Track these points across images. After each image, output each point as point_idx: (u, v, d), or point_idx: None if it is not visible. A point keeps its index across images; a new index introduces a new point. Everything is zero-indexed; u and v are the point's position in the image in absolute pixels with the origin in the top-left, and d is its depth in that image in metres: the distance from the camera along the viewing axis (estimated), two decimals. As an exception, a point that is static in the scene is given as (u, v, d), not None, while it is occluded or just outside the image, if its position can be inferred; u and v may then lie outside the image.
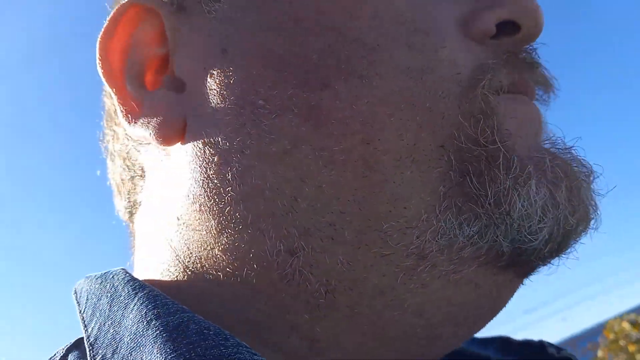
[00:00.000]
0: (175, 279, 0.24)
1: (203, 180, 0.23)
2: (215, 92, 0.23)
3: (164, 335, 0.19)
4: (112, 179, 0.30)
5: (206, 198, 0.23)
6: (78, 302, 0.24)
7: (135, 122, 0.24)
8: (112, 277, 0.23)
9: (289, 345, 0.22)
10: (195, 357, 0.18)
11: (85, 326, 0.22)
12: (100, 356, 0.20)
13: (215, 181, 0.22)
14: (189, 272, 0.23)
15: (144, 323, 0.20)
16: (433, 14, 0.23)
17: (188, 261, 0.23)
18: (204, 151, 0.23)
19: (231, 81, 0.23)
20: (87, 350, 0.21)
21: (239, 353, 0.18)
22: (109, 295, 0.22)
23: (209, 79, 0.23)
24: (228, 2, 0.24)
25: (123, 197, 0.29)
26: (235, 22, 0.23)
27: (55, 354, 0.23)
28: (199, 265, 0.23)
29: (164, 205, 0.25)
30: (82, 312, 0.23)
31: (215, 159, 0.23)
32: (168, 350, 0.18)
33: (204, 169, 0.23)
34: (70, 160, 12.60)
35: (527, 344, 0.33)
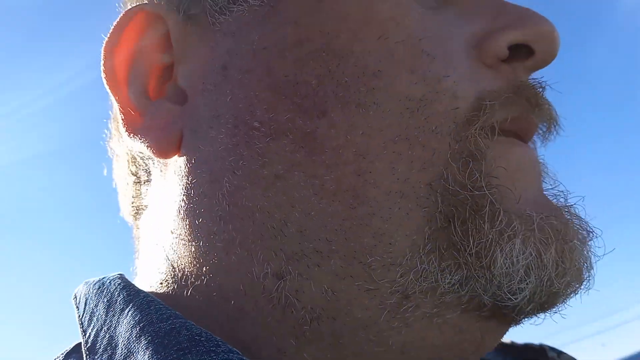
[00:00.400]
0: (171, 290, 0.24)
1: (193, 196, 0.23)
2: (212, 108, 0.23)
3: (156, 341, 0.19)
4: (117, 180, 0.30)
5: (196, 215, 0.23)
6: (77, 307, 0.24)
7: (135, 134, 0.24)
8: (110, 283, 0.24)
9: None
10: None
11: (84, 331, 0.22)
12: None
13: (205, 199, 0.22)
14: (183, 286, 0.23)
15: (137, 329, 0.20)
16: (443, 35, 0.22)
17: (181, 275, 0.23)
18: (196, 167, 0.23)
19: (228, 99, 0.22)
20: (84, 355, 0.21)
21: (230, 359, 0.18)
22: (106, 301, 0.23)
23: (207, 94, 0.23)
24: (234, 16, 0.23)
25: (127, 200, 0.29)
26: (238, 39, 0.23)
27: (55, 359, 0.24)
28: (190, 280, 0.23)
29: (161, 215, 0.25)
30: (80, 317, 0.23)
31: (207, 177, 0.22)
32: (159, 357, 0.18)
33: (195, 186, 0.23)
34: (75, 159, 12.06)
35: (527, 347, 0.32)
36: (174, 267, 0.24)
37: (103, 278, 0.24)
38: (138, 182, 0.28)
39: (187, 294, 0.23)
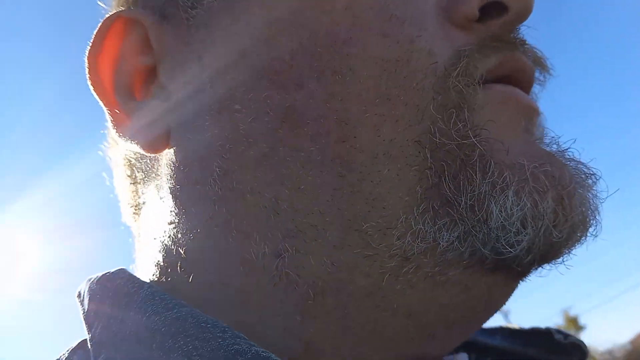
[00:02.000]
0: (172, 281, 0.24)
1: (187, 186, 0.23)
2: (194, 99, 0.23)
3: (163, 330, 0.19)
4: (117, 186, 0.31)
5: (190, 203, 0.23)
6: (81, 304, 0.24)
7: (124, 134, 0.25)
8: (113, 277, 0.24)
9: (284, 346, 0.22)
10: (193, 350, 0.18)
11: (89, 327, 0.23)
12: (103, 355, 0.21)
13: (198, 186, 0.23)
14: (184, 276, 0.24)
15: (144, 320, 0.20)
16: None
17: (181, 265, 0.24)
18: (186, 157, 0.23)
19: (207, 87, 0.23)
20: (91, 350, 0.22)
21: (237, 344, 0.18)
22: (110, 295, 0.23)
23: (188, 87, 0.23)
24: (205, 8, 0.24)
25: (127, 202, 0.30)
26: (210, 28, 0.23)
27: (60, 357, 0.24)
28: (191, 269, 0.23)
29: (157, 209, 0.26)
30: (85, 313, 0.24)
31: (197, 164, 0.23)
32: (166, 344, 0.19)
33: (187, 175, 0.23)
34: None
35: (533, 331, 0.32)
36: (173, 258, 0.24)
37: (105, 273, 0.24)
38: (134, 184, 0.28)
39: (189, 282, 0.23)
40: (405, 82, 0.21)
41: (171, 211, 0.24)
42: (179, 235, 0.24)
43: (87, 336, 0.23)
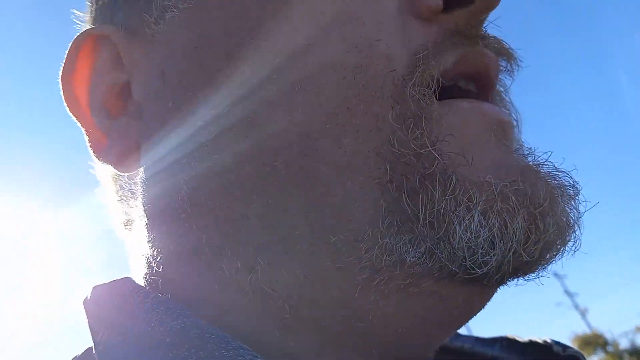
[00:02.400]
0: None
1: (157, 204, 0.23)
2: (158, 116, 0.23)
3: (167, 340, 0.19)
4: (106, 202, 0.31)
5: (161, 222, 0.23)
6: (87, 312, 0.24)
7: (100, 155, 0.25)
8: (119, 286, 0.24)
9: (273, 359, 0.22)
10: None
11: (94, 335, 0.23)
12: None
13: (169, 205, 0.23)
14: (165, 293, 0.24)
15: (148, 329, 0.20)
16: None
17: (162, 282, 0.24)
18: (155, 176, 0.23)
19: (170, 104, 0.23)
20: (96, 358, 0.21)
21: (240, 356, 0.18)
22: (115, 304, 0.23)
23: (152, 104, 0.23)
24: (167, 24, 0.24)
25: (117, 219, 0.30)
26: (171, 43, 0.23)
27: None
28: (170, 286, 0.23)
29: (139, 226, 0.26)
30: (90, 321, 0.23)
31: (166, 183, 0.23)
32: (170, 355, 0.19)
33: (158, 194, 0.23)
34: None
35: (532, 343, 0.31)
36: (155, 277, 0.24)
37: (112, 282, 0.25)
38: (120, 201, 0.29)
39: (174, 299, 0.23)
40: (364, 91, 0.20)
41: (148, 230, 0.24)
42: (155, 254, 0.24)
43: (92, 344, 0.23)
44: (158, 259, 0.24)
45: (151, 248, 0.24)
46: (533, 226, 0.19)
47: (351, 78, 0.20)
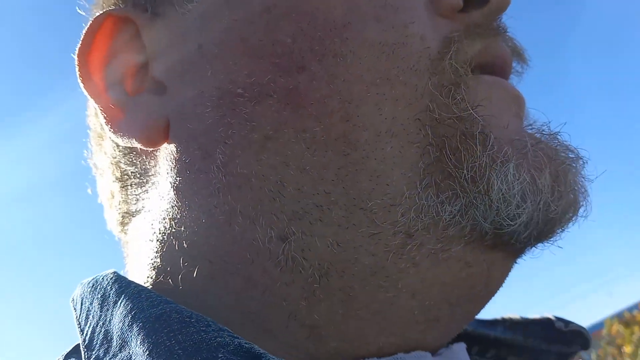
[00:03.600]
0: (173, 277, 0.23)
1: (189, 176, 0.23)
2: (194, 87, 0.23)
3: (147, 326, 0.19)
4: (102, 194, 0.30)
5: (193, 193, 0.23)
6: (75, 309, 0.24)
7: (119, 129, 0.25)
8: (102, 279, 0.24)
9: (288, 333, 0.22)
10: (176, 344, 0.18)
11: (81, 331, 0.22)
12: (94, 357, 0.20)
13: (201, 175, 0.23)
14: (186, 270, 0.23)
15: (129, 318, 0.20)
16: None
17: (183, 259, 0.23)
18: (188, 147, 0.23)
19: (208, 74, 0.23)
20: (83, 353, 0.21)
21: (220, 337, 0.18)
22: (99, 297, 0.23)
23: (187, 76, 0.24)
24: (200, 1, 0.24)
25: (114, 209, 0.29)
26: (209, 19, 0.24)
27: None
28: (193, 261, 0.23)
29: (156, 207, 0.25)
30: (78, 317, 0.23)
31: (199, 153, 0.23)
32: (150, 340, 0.18)
33: (189, 165, 0.23)
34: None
35: (534, 321, 0.32)
36: (175, 254, 0.23)
37: (96, 276, 0.24)
38: (124, 187, 0.28)
39: (193, 277, 0.23)
40: (403, 64, 0.22)
41: (173, 206, 0.24)
42: (182, 229, 0.23)
43: (79, 339, 0.22)
44: (183, 235, 0.23)
45: (175, 224, 0.23)
46: (556, 183, 0.21)
47: (389, 52, 0.22)
